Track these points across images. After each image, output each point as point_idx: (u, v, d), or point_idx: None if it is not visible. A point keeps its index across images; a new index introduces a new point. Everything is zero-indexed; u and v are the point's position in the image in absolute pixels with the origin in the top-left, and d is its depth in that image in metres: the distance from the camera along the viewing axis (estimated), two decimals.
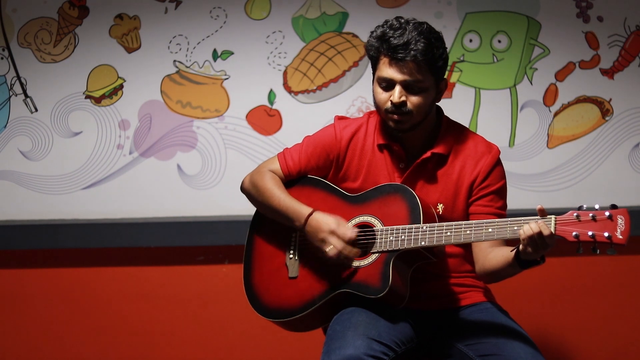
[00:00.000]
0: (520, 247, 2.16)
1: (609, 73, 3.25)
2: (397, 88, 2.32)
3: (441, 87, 2.40)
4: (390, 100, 2.33)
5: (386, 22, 2.36)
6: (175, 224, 3.25)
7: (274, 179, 2.51)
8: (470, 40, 3.25)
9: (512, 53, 3.24)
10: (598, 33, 3.24)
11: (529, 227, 2.11)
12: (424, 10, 3.21)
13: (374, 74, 2.40)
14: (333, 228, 2.34)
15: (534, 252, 2.13)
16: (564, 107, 3.27)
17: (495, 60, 3.25)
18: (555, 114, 3.27)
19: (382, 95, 2.36)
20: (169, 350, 3.33)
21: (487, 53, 3.25)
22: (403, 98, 2.32)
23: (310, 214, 2.38)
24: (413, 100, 2.33)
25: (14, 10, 3.24)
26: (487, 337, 2.34)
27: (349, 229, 2.34)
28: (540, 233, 2.10)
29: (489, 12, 3.25)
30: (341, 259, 2.33)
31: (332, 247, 2.33)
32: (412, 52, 2.28)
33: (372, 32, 2.38)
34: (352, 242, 2.34)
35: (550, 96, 3.27)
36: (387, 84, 2.34)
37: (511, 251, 2.23)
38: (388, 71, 2.33)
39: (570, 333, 3.30)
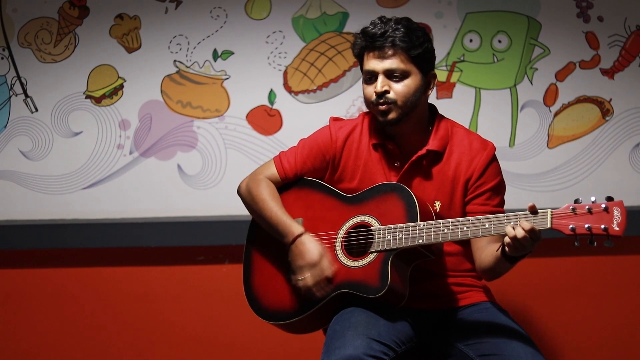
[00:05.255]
0: (505, 247, 2.18)
1: (609, 73, 3.25)
2: (380, 78, 2.36)
3: (429, 79, 2.41)
4: (375, 92, 2.35)
5: (370, 22, 2.41)
6: (175, 224, 3.24)
7: (269, 188, 2.51)
8: (471, 40, 3.25)
9: (513, 53, 3.24)
10: (598, 33, 3.23)
11: (509, 231, 2.13)
12: (424, 10, 3.21)
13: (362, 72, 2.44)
14: (315, 260, 2.35)
15: (515, 251, 2.16)
16: (564, 107, 3.27)
17: (495, 60, 3.25)
18: (556, 114, 3.27)
19: (368, 89, 2.40)
20: (169, 350, 3.33)
21: (488, 53, 3.25)
22: (386, 87, 2.36)
23: (299, 236, 2.39)
24: (396, 88, 2.36)
25: (14, 10, 3.24)
26: (487, 336, 2.34)
27: (328, 268, 2.35)
28: (515, 237, 2.11)
29: (489, 12, 3.24)
30: (308, 293, 2.36)
31: (304, 280, 2.36)
32: (389, 38, 2.34)
33: (355, 34, 2.43)
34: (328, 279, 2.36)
35: (550, 96, 3.26)
36: (371, 77, 2.39)
37: (497, 250, 2.24)
38: (370, 63, 2.38)
39: (571, 333, 3.30)
